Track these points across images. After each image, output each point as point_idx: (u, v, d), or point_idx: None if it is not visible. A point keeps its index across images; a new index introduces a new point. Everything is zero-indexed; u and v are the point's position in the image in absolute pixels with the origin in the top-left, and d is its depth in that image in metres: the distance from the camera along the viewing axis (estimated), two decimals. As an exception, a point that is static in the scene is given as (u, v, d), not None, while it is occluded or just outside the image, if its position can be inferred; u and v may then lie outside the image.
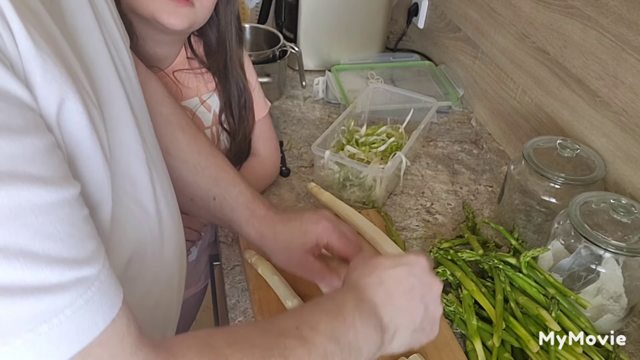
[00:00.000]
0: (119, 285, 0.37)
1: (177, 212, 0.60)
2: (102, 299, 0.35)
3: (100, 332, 0.34)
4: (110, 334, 0.35)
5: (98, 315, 0.34)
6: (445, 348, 0.74)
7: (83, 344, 0.34)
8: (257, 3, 1.52)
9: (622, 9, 0.84)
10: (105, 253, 0.37)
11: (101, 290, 0.35)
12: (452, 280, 0.82)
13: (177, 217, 0.60)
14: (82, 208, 0.36)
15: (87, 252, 0.35)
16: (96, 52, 0.46)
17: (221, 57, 0.93)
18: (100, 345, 0.34)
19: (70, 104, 0.37)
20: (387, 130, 1.12)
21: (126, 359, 0.36)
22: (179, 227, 0.60)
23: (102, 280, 0.35)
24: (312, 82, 1.33)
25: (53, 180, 0.34)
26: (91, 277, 0.34)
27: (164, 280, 0.57)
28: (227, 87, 0.95)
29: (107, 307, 0.35)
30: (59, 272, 0.33)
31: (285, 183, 1.05)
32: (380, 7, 1.43)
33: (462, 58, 1.36)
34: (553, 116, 1.05)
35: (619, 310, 0.77)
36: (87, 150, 0.39)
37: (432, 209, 1.02)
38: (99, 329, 0.34)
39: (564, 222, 0.80)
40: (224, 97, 0.96)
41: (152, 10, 0.79)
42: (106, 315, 0.35)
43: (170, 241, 0.57)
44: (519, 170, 0.90)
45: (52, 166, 0.34)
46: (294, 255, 0.69)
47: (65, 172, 0.36)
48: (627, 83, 0.85)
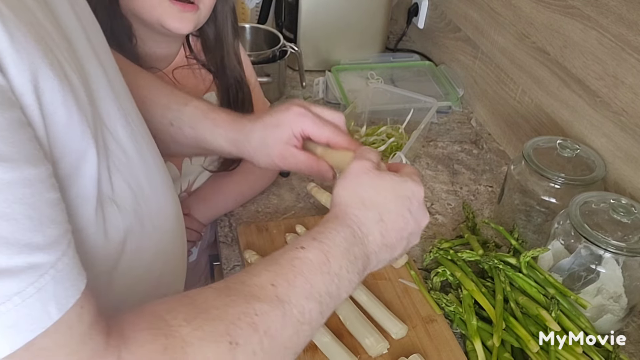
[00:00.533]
0: (82, 276, 0.35)
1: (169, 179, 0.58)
2: (56, 288, 0.33)
3: (53, 322, 0.32)
4: (59, 325, 0.33)
5: (51, 305, 0.32)
6: (445, 348, 0.74)
7: (34, 334, 0.32)
8: (257, 3, 1.52)
9: (622, 9, 0.84)
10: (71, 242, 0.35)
11: (56, 279, 0.33)
12: (452, 280, 0.82)
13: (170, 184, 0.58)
14: (48, 191, 0.34)
15: (45, 238, 0.33)
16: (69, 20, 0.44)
17: (219, 52, 0.93)
18: (46, 336, 0.32)
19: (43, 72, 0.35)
20: (387, 131, 1.12)
21: (75, 349, 0.34)
22: (173, 195, 0.58)
23: (59, 268, 0.33)
24: (312, 82, 1.33)
25: (12, 158, 0.31)
26: (45, 265, 0.32)
27: (166, 250, 0.55)
28: (224, 80, 0.95)
29: (62, 297, 0.33)
30: (7, 255, 0.31)
31: (285, 183, 1.05)
32: (380, 7, 1.43)
33: (462, 58, 1.36)
34: (553, 116, 1.04)
35: (619, 310, 0.77)
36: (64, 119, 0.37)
37: (432, 209, 1.02)
38: (51, 319, 0.32)
39: (564, 222, 0.80)
40: (222, 92, 0.96)
41: (157, 16, 0.80)
42: (61, 305, 0.33)
43: (167, 210, 0.55)
44: (519, 170, 0.90)
45: (13, 143, 0.32)
46: (273, 152, 0.64)
47: (31, 152, 0.33)
48: (627, 83, 0.85)
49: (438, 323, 0.77)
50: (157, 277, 0.53)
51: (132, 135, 0.49)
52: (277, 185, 1.04)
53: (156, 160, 0.55)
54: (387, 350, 0.72)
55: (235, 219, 0.97)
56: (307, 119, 0.63)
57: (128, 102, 0.53)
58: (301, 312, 0.44)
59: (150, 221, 0.51)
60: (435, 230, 0.97)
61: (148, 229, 0.50)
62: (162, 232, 0.54)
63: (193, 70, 0.95)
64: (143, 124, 0.55)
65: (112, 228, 0.45)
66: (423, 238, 0.95)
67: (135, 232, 0.48)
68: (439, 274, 0.82)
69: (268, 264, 0.46)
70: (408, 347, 0.74)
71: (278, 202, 1.01)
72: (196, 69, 0.95)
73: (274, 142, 0.63)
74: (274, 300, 0.42)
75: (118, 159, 0.46)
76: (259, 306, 0.42)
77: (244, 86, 0.96)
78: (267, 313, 0.42)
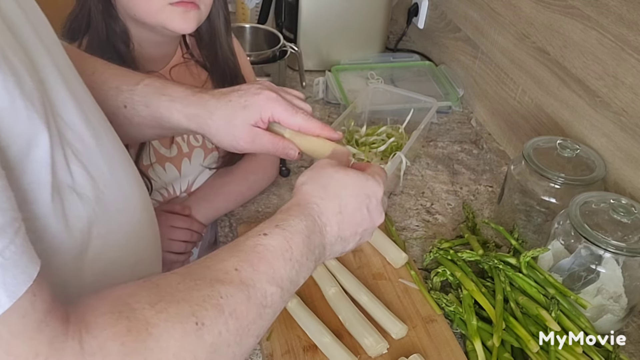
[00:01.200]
0: (33, 264, 0.35)
1: (132, 166, 0.58)
2: (5, 276, 0.32)
3: (4, 311, 0.32)
4: (12, 313, 0.33)
5: (0, 293, 0.32)
6: (445, 348, 0.74)
7: None
8: (257, 3, 1.52)
9: (622, 9, 0.84)
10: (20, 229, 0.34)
11: (4, 267, 0.32)
12: (452, 280, 0.82)
13: (133, 171, 0.57)
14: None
15: None
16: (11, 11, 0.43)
17: (212, 46, 0.94)
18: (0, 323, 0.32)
19: None
20: (387, 131, 1.12)
21: (31, 335, 0.34)
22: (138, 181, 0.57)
23: (6, 256, 0.32)
24: (312, 82, 1.33)
25: None
26: None
27: (138, 236, 0.55)
28: (218, 73, 0.96)
29: (11, 284, 0.33)
30: None
31: (285, 183, 1.05)
32: (380, 7, 1.43)
33: (462, 58, 1.36)
34: (553, 116, 1.04)
35: (619, 310, 0.77)
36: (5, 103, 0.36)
37: (432, 209, 1.02)
38: (2, 307, 0.32)
39: (564, 222, 0.80)
40: (217, 85, 0.96)
41: (161, 20, 0.81)
42: (10, 293, 0.32)
43: (132, 196, 0.55)
44: (519, 170, 0.90)
45: None
46: (237, 132, 0.62)
47: None
48: (627, 83, 0.85)
49: (438, 323, 0.77)
50: (132, 264, 0.53)
51: (88, 123, 0.49)
52: (277, 185, 1.04)
53: (117, 147, 0.55)
54: (387, 350, 0.72)
55: (236, 219, 0.97)
56: (278, 105, 0.62)
57: (81, 90, 0.52)
58: (264, 296, 0.45)
59: (115, 208, 0.51)
60: (435, 230, 0.97)
61: (114, 216, 0.50)
62: (130, 219, 0.53)
63: (189, 68, 0.95)
64: (99, 111, 0.55)
65: (74, 216, 0.45)
66: (423, 238, 0.95)
67: (101, 220, 0.48)
68: (439, 274, 0.82)
69: (231, 249, 0.47)
70: (408, 347, 0.74)
71: (278, 202, 1.01)
72: (192, 65, 0.95)
73: (241, 123, 0.62)
74: (239, 284, 0.43)
75: (75, 147, 0.46)
76: (223, 289, 0.42)
77: (240, 78, 0.97)
78: (232, 296, 0.42)
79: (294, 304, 0.76)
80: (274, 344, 0.73)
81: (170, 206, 0.95)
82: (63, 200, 0.43)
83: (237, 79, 0.96)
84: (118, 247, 0.51)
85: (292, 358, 0.71)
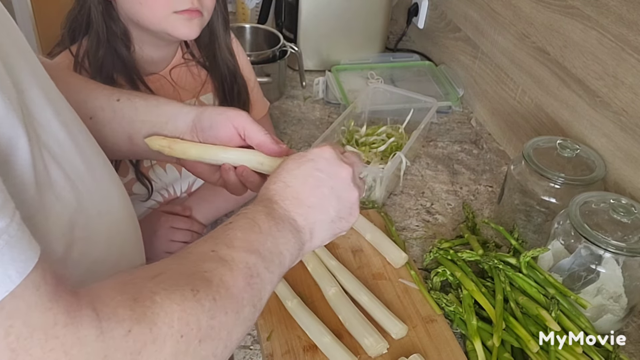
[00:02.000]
0: (35, 243, 0.36)
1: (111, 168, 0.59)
2: (13, 252, 0.33)
3: (15, 285, 0.33)
4: (25, 286, 0.34)
5: (10, 269, 0.33)
6: (445, 348, 0.74)
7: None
8: (257, 3, 1.52)
9: (622, 9, 0.84)
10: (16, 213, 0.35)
11: (11, 244, 0.33)
12: (452, 280, 0.82)
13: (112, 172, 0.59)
14: None
15: None
16: None
17: (211, 47, 0.94)
18: (14, 298, 0.33)
19: None
20: (387, 131, 1.13)
21: (47, 306, 0.35)
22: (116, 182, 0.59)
23: (11, 234, 0.33)
24: (312, 82, 1.33)
25: None
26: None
27: (120, 236, 0.57)
28: (217, 74, 0.96)
29: (20, 260, 0.34)
30: None
31: (286, 183, 1.05)
32: (380, 7, 1.43)
33: (462, 58, 1.36)
34: (553, 116, 1.05)
35: (619, 310, 0.77)
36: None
37: (432, 209, 1.03)
38: (13, 282, 0.33)
39: (564, 222, 0.80)
40: (217, 85, 0.96)
41: (165, 27, 0.82)
42: (20, 268, 0.34)
43: (112, 197, 0.56)
44: (519, 170, 0.90)
45: None
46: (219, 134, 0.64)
47: None
48: (627, 83, 0.85)
49: (438, 323, 0.77)
50: (115, 262, 0.55)
51: (65, 125, 0.50)
52: (277, 186, 1.04)
53: (92, 148, 0.56)
54: (387, 350, 0.72)
55: (236, 219, 0.97)
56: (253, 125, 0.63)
57: (54, 93, 0.53)
58: (247, 266, 0.47)
59: (95, 209, 0.52)
60: (435, 230, 0.97)
61: (95, 216, 0.52)
62: (111, 218, 0.55)
63: (189, 68, 0.95)
64: (73, 112, 0.55)
65: (55, 217, 0.46)
66: (423, 238, 0.95)
67: (81, 221, 0.49)
68: (439, 274, 0.82)
69: (204, 239, 0.50)
70: (408, 347, 0.74)
71: (278, 202, 1.00)
72: (192, 65, 0.95)
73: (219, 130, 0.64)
74: (219, 261, 0.46)
75: (52, 150, 0.46)
76: (207, 265, 0.45)
77: (239, 77, 0.97)
78: (215, 269, 0.45)
79: (294, 304, 0.76)
80: (274, 344, 0.73)
81: (170, 207, 0.95)
82: (44, 202, 0.44)
83: (237, 79, 0.97)
84: (100, 249, 0.52)
85: (292, 358, 0.71)
